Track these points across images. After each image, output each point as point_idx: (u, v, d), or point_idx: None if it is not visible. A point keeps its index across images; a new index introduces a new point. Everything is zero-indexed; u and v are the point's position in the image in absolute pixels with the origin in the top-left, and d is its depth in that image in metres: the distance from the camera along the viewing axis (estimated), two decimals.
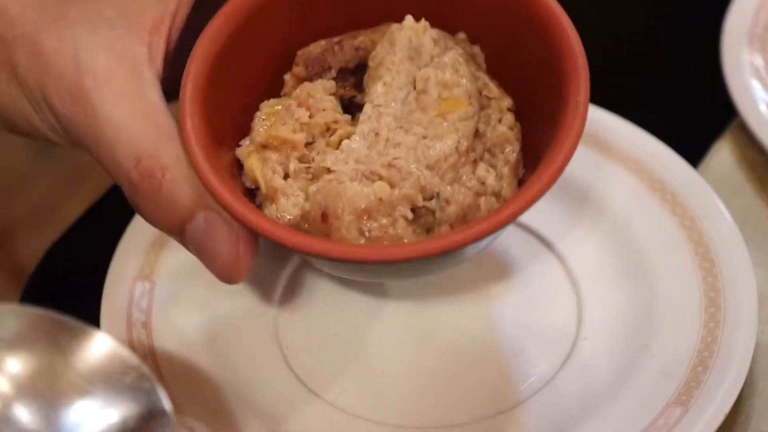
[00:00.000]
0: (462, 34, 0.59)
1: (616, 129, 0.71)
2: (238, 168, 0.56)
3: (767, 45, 0.76)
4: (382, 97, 0.56)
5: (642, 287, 0.66)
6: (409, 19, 0.58)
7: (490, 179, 0.55)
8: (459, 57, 0.57)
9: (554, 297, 0.67)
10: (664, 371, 0.62)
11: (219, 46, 0.55)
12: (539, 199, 0.52)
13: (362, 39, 0.59)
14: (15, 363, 0.52)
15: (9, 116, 0.57)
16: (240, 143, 0.57)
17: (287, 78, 0.59)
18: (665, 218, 0.68)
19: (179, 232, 0.54)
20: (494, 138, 0.57)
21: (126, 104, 0.53)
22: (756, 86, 0.74)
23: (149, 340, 0.64)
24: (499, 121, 0.57)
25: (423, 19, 0.58)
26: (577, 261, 0.68)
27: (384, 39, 0.58)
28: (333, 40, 0.59)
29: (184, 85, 0.54)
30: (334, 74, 0.58)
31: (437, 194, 0.54)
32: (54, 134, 0.56)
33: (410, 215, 0.54)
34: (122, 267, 0.66)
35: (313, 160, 0.55)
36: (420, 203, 0.54)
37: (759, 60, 0.76)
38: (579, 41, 0.55)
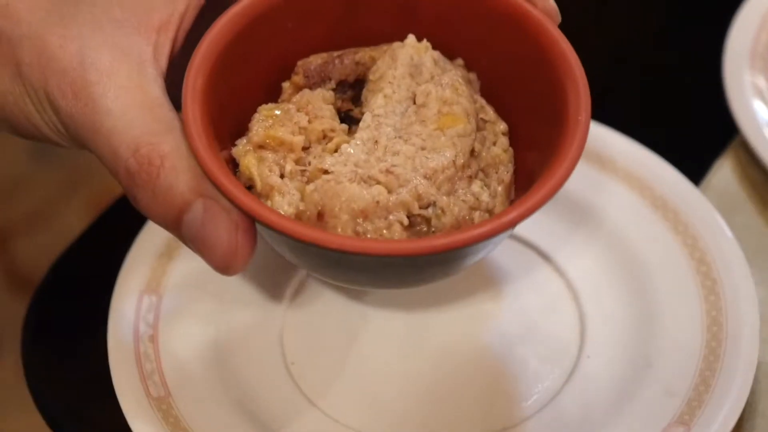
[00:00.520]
0: (460, 60, 0.60)
1: (618, 146, 0.72)
2: (233, 167, 0.57)
3: None
4: (382, 108, 0.57)
5: (644, 305, 0.67)
6: (411, 38, 0.59)
7: (484, 196, 0.56)
8: (458, 78, 0.58)
9: (556, 314, 0.68)
10: (667, 390, 0.63)
11: (222, 47, 0.56)
12: (540, 207, 0.52)
13: (362, 55, 0.60)
14: None
15: (12, 116, 0.57)
16: (236, 143, 0.57)
17: (286, 86, 0.60)
18: (667, 236, 0.69)
19: (176, 223, 0.53)
20: (489, 159, 0.58)
21: (127, 97, 0.53)
22: (758, 104, 0.75)
23: (156, 355, 0.64)
24: (494, 144, 0.58)
25: (425, 39, 0.59)
26: (579, 278, 0.69)
27: (386, 54, 0.59)
28: (334, 54, 0.60)
29: (188, 77, 0.55)
30: (333, 85, 0.59)
31: (433, 203, 0.55)
32: (55, 134, 0.57)
33: (406, 221, 0.54)
34: (129, 280, 0.67)
35: (309, 164, 0.56)
36: (416, 210, 0.54)
37: (761, 80, 0.76)
38: (579, 65, 0.56)
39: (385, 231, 0.54)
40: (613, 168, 0.71)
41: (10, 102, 0.56)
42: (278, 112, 0.57)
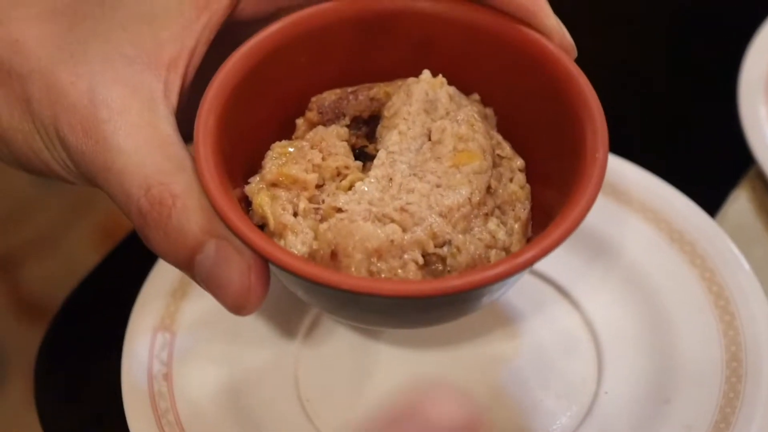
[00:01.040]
0: (476, 95, 0.60)
1: (633, 177, 0.72)
2: (246, 205, 0.56)
3: None
4: (397, 145, 0.57)
5: (662, 340, 0.66)
6: (427, 73, 0.58)
7: (501, 234, 0.55)
8: (474, 113, 0.57)
9: (573, 350, 0.67)
10: (686, 426, 0.62)
11: (234, 83, 0.56)
12: (557, 247, 0.52)
13: (377, 90, 0.59)
14: None
15: (22, 154, 0.57)
16: (249, 181, 0.57)
17: (299, 122, 0.59)
18: (685, 270, 0.68)
19: (188, 263, 0.53)
20: (505, 196, 0.57)
21: (138, 135, 0.53)
22: None
23: (170, 393, 0.64)
24: (510, 180, 0.58)
25: (440, 75, 0.58)
26: (596, 312, 0.68)
27: (400, 90, 0.58)
28: (347, 90, 0.59)
29: (200, 115, 0.54)
30: (348, 122, 0.59)
31: (449, 242, 0.54)
32: (65, 171, 0.56)
33: (421, 260, 0.53)
34: (143, 317, 0.66)
35: (323, 202, 0.55)
36: (431, 249, 0.54)
37: None
38: (597, 101, 0.55)
39: (400, 270, 0.53)
40: (629, 200, 0.71)
41: (20, 139, 0.56)
42: (292, 150, 0.57)
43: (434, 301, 0.53)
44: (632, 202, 0.71)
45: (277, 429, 0.64)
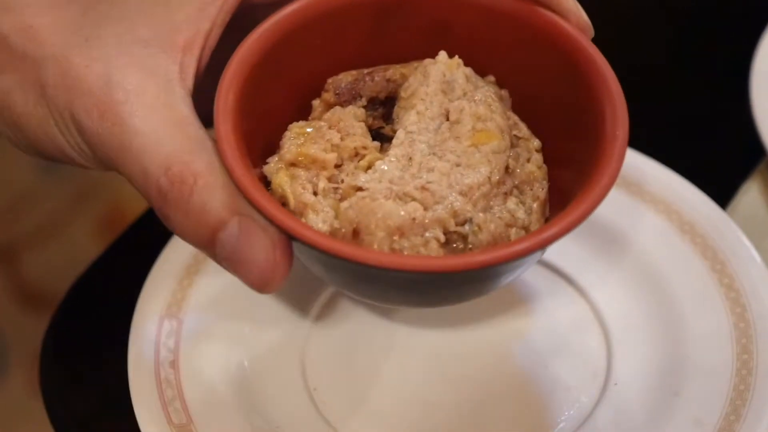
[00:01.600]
0: (491, 77, 0.60)
1: (645, 168, 0.71)
2: (265, 186, 0.56)
3: None
4: (415, 125, 0.57)
5: (672, 332, 0.66)
6: (443, 54, 0.58)
7: (520, 213, 0.55)
8: (491, 94, 0.57)
9: (582, 340, 0.67)
10: (696, 419, 0.62)
11: (252, 64, 0.55)
12: (580, 224, 0.52)
13: (394, 71, 0.59)
14: None
15: (36, 139, 0.56)
16: (267, 161, 0.56)
17: (316, 104, 0.59)
18: (696, 262, 0.68)
19: (209, 242, 0.53)
20: (523, 175, 0.57)
21: (156, 116, 0.53)
22: None
23: (177, 381, 0.63)
24: (528, 161, 0.57)
25: (456, 56, 0.58)
26: (606, 303, 0.68)
27: (417, 71, 0.58)
28: (364, 71, 0.59)
29: (219, 93, 0.54)
30: (364, 103, 0.59)
31: (470, 220, 0.54)
32: (80, 156, 0.56)
33: (443, 238, 0.53)
34: (149, 304, 0.66)
35: (342, 182, 0.55)
36: (452, 227, 0.54)
37: None
38: (615, 80, 0.55)
39: (422, 248, 0.53)
40: (640, 191, 0.70)
41: (34, 125, 0.56)
42: (310, 130, 0.57)
43: (458, 277, 0.53)
44: (643, 194, 0.70)
45: (284, 417, 0.63)
